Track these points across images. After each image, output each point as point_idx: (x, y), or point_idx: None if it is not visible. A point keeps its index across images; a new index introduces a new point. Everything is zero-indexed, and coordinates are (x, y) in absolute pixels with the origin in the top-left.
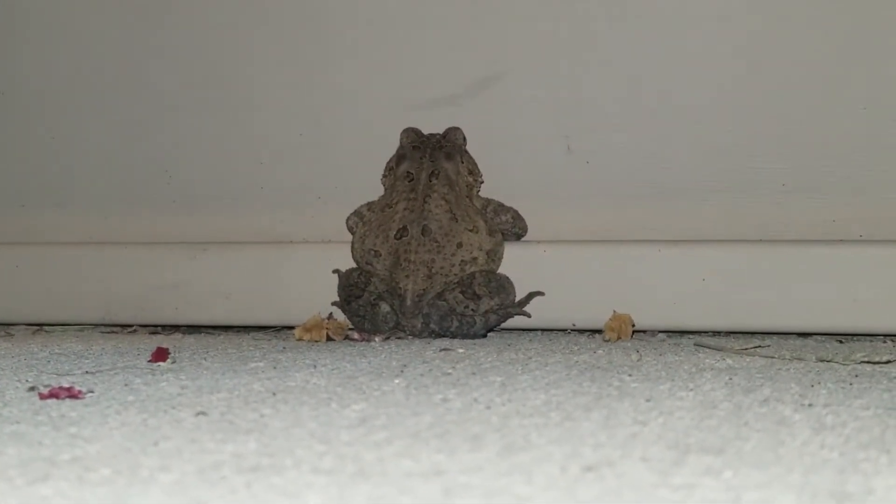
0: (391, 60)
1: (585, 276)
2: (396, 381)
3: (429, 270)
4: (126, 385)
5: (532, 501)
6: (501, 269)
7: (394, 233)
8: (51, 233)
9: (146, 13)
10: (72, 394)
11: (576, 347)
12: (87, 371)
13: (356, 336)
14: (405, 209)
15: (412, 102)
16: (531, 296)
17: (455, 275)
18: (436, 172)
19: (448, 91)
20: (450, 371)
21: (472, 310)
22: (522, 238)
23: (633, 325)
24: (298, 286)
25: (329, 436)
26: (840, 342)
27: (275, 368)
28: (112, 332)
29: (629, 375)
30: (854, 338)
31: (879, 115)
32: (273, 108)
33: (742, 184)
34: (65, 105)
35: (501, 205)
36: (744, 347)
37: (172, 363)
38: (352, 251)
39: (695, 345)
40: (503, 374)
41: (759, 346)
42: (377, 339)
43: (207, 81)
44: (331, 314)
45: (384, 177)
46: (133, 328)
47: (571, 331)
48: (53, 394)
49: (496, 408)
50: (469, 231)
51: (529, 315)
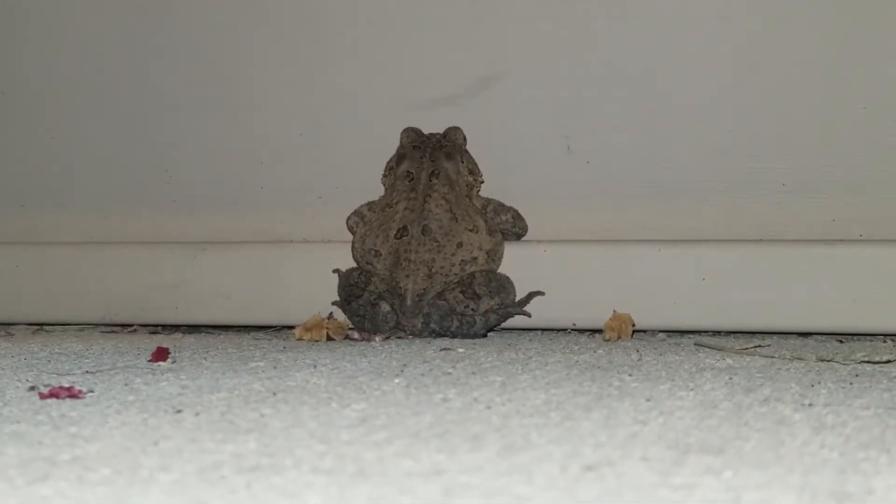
0: (391, 60)
1: (585, 276)
2: (396, 381)
3: (429, 270)
4: (126, 385)
5: (532, 501)
6: (502, 269)
7: (394, 232)
8: (51, 232)
9: (146, 13)
10: (72, 393)
11: (576, 347)
12: (88, 371)
13: (356, 336)
14: (405, 209)
15: (412, 102)
16: (531, 295)
17: (455, 274)
18: (436, 172)
19: (448, 91)
20: (450, 371)
21: (473, 309)
22: (522, 238)
23: (634, 325)
24: (298, 286)
25: (329, 435)
26: (840, 342)
27: (275, 368)
28: (112, 332)
29: (629, 375)
30: (854, 337)
31: (879, 115)
32: (273, 108)
33: (742, 184)
34: (65, 105)
35: (501, 204)
36: (744, 347)
37: (173, 363)
38: (352, 251)
39: (695, 344)
40: (503, 374)
41: (760, 346)
42: (377, 339)
43: (207, 81)
44: (331, 314)
45: (384, 176)
46: (133, 328)
47: (571, 330)
48: (53, 393)
49: (496, 407)
50: (469, 231)
51: (529, 315)
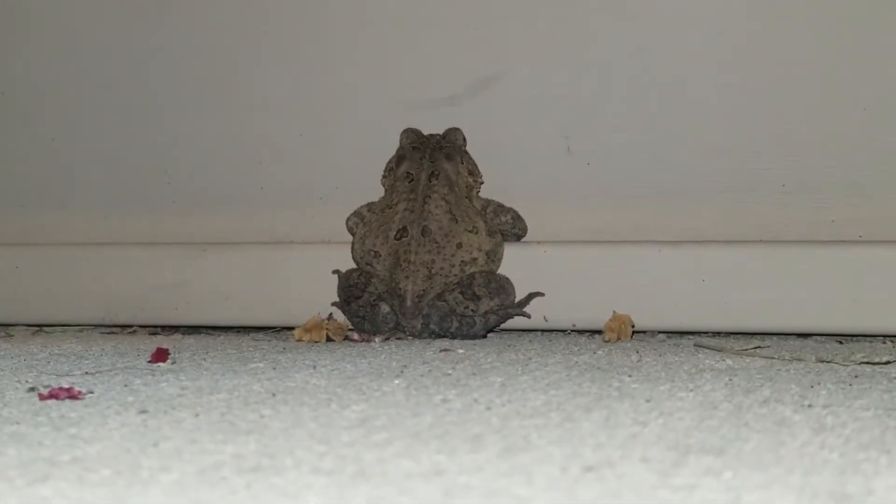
0: (391, 60)
1: (585, 277)
2: (396, 382)
3: (428, 271)
4: (126, 386)
5: (532, 502)
6: (501, 270)
7: (394, 233)
8: (51, 233)
9: (146, 13)
10: (71, 394)
11: (576, 348)
12: (87, 372)
13: (356, 337)
14: (405, 210)
15: (412, 103)
16: (531, 296)
17: (455, 275)
18: (436, 173)
19: (448, 91)
20: (450, 372)
21: (472, 310)
22: (522, 239)
23: (633, 326)
24: (298, 287)
25: (329, 436)
26: (840, 343)
27: (274, 369)
28: (112, 333)
29: (629, 376)
30: (854, 338)
31: (879, 116)
32: (273, 109)
33: (742, 184)
34: (64, 105)
35: (501, 205)
36: (744, 348)
37: (172, 364)
38: (352, 252)
39: (695, 345)
40: (503, 375)
41: (759, 347)
42: (377, 340)
43: (207, 82)
44: (331, 315)
45: (384, 177)
46: (133, 329)
47: (571, 331)
48: (53, 394)
49: (496, 408)
50: (469, 232)
51: (529, 316)
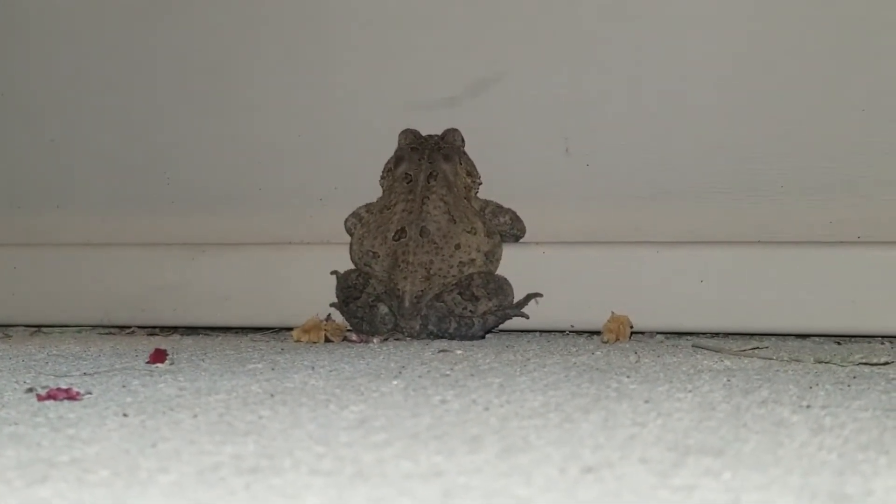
0: (390, 61)
1: (584, 278)
2: (395, 383)
3: (427, 272)
4: (124, 386)
5: (531, 503)
6: (500, 271)
7: (392, 234)
8: (49, 234)
9: (145, 13)
10: (70, 395)
11: (574, 349)
12: (86, 372)
13: (354, 337)
14: (403, 210)
15: (411, 104)
16: (529, 297)
17: (453, 276)
18: (434, 174)
19: (447, 92)
20: (448, 372)
21: (471, 311)
22: (521, 239)
23: (632, 327)
24: (297, 287)
25: (328, 437)
26: (838, 343)
27: (273, 370)
28: (110, 334)
29: (628, 377)
30: (852, 339)
31: (878, 117)
32: (272, 110)
33: (740, 185)
34: (63, 106)
35: (499, 206)
36: (742, 349)
37: (171, 364)
38: (350, 253)
39: (693, 346)
40: (502, 376)
41: (758, 348)
42: (375, 341)
43: (206, 83)
44: (329, 315)
45: (382, 178)
46: (131, 329)
47: (570, 332)
48: (51, 395)
49: (495, 409)
50: (467, 232)
51: (528, 316)
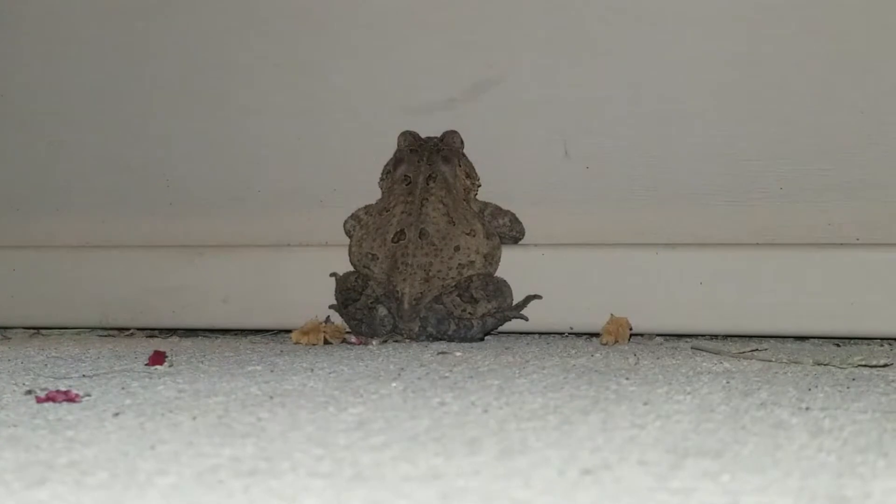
0: (389, 63)
1: (583, 280)
2: (394, 385)
3: (426, 274)
4: (123, 388)
5: None
6: (499, 273)
7: (391, 236)
8: (48, 236)
9: (144, 15)
10: (69, 397)
11: (573, 351)
12: (84, 374)
13: (353, 339)
14: (402, 212)
15: (410, 106)
16: (528, 299)
17: (452, 278)
18: (433, 176)
19: (446, 94)
20: (447, 374)
21: (470, 313)
22: (520, 241)
23: (631, 329)
24: (296, 289)
25: (326, 439)
26: (837, 345)
27: (272, 372)
28: (109, 336)
29: (626, 379)
30: (851, 341)
31: (877, 119)
32: (271, 112)
33: (739, 187)
34: (62, 107)
35: (499, 208)
36: (741, 351)
37: (170, 367)
38: (349, 254)
39: (692, 348)
40: (501, 378)
41: (757, 350)
42: (374, 343)
43: (205, 85)
44: (328, 317)
45: (381, 180)
46: (130, 331)
47: (569, 334)
48: (50, 397)
49: (494, 411)
50: (466, 234)
51: (527, 318)
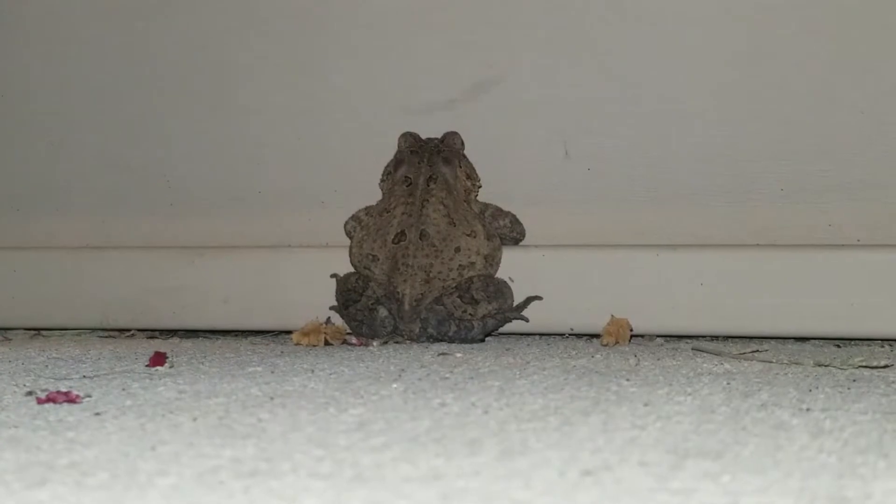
0: (390, 64)
1: (583, 281)
2: (394, 386)
3: (427, 275)
4: (124, 389)
5: None
6: (499, 274)
7: (392, 237)
8: (48, 237)
9: (144, 15)
10: (69, 398)
11: (574, 352)
12: (85, 375)
13: (354, 340)
14: (403, 213)
15: (410, 106)
16: (529, 300)
17: (453, 279)
18: (434, 177)
19: (446, 95)
20: (448, 375)
21: (470, 314)
22: (520, 242)
23: (631, 330)
24: (296, 290)
25: (327, 440)
26: (838, 346)
27: (273, 373)
28: (110, 337)
29: (627, 380)
30: (852, 342)
31: (877, 120)
32: (272, 112)
33: (740, 188)
34: (62, 108)
35: (499, 209)
36: (742, 352)
37: (170, 368)
38: (350, 255)
39: (693, 349)
40: (501, 379)
41: (757, 351)
42: (375, 344)
43: (206, 85)
44: (329, 318)
45: (382, 181)
46: (131, 332)
47: (569, 335)
48: (51, 398)
49: (494, 412)
50: (467, 235)
51: (527, 319)
